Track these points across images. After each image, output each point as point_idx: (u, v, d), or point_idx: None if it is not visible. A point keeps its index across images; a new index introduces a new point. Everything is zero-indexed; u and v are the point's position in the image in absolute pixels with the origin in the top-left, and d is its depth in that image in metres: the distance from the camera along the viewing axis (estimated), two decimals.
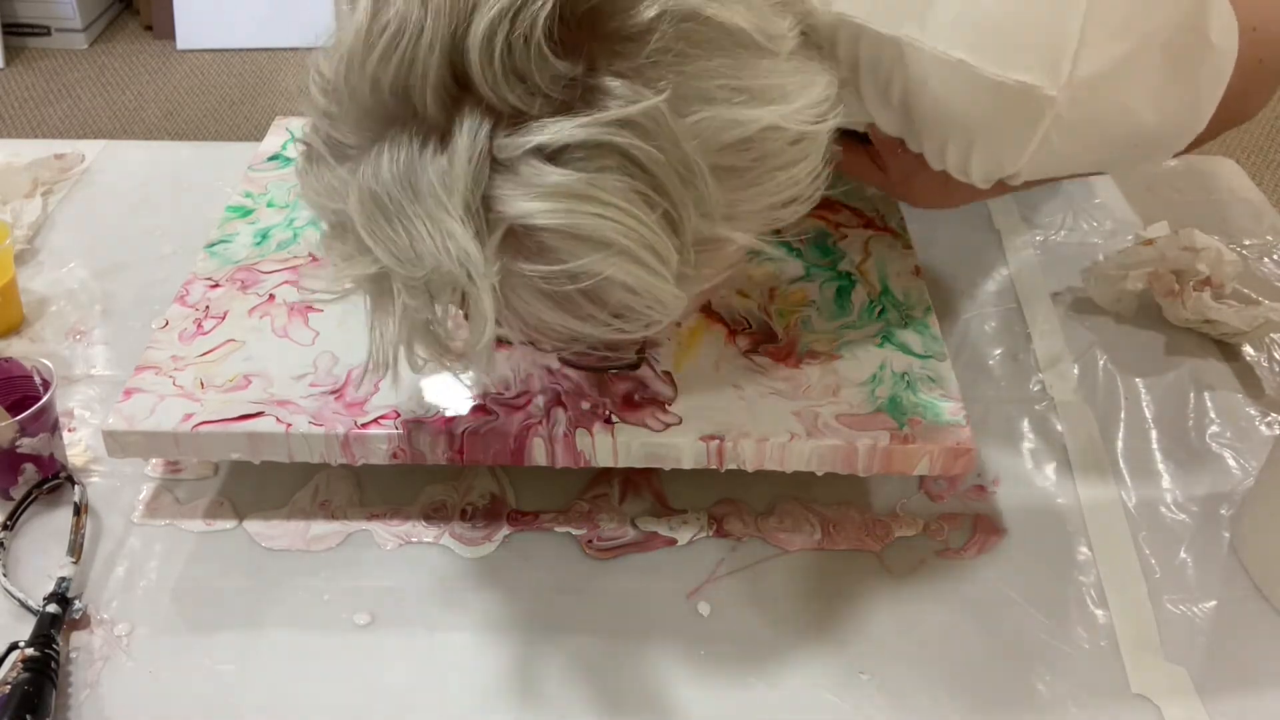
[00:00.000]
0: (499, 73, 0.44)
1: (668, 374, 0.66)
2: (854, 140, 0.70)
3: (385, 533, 0.67)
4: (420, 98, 0.45)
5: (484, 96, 0.45)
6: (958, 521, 0.68)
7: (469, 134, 0.45)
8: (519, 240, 0.47)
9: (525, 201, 0.45)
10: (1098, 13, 0.53)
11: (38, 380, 0.69)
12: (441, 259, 0.45)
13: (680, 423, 0.63)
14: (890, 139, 0.65)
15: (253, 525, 0.67)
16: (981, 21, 0.54)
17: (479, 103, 0.45)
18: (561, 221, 0.45)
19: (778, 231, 0.54)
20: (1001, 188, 0.64)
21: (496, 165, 0.45)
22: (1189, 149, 0.62)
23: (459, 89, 0.45)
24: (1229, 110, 0.58)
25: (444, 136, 0.46)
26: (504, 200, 0.45)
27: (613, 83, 0.45)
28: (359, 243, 0.48)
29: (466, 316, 0.49)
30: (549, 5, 0.43)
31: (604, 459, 0.63)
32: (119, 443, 0.63)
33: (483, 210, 0.46)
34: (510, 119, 0.45)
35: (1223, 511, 0.69)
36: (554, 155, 0.45)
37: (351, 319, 0.70)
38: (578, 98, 0.45)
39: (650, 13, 0.45)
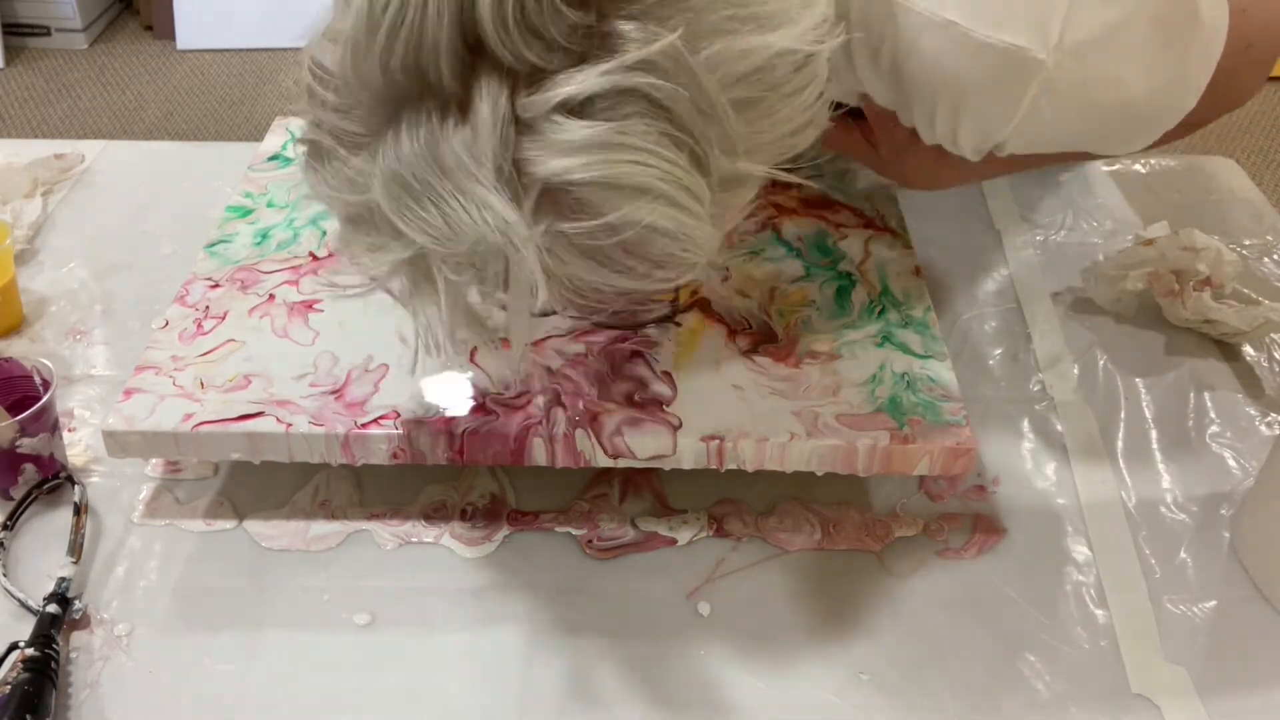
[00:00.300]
0: (514, 32, 0.43)
1: (668, 374, 0.66)
2: (847, 116, 0.70)
3: (385, 533, 0.67)
4: (434, 71, 0.44)
5: (500, 58, 0.44)
6: (958, 521, 0.68)
7: (490, 99, 0.44)
8: (555, 199, 0.46)
9: (557, 159, 0.44)
10: None
11: (38, 380, 0.69)
12: (482, 230, 0.44)
13: (680, 423, 0.63)
14: (883, 112, 0.65)
15: (253, 525, 0.67)
16: None
17: (495, 66, 0.44)
18: (597, 174, 0.44)
19: (792, 161, 0.53)
20: (991, 164, 0.65)
21: (522, 126, 0.44)
22: (1179, 134, 0.62)
23: (472, 55, 0.44)
24: (1217, 94, 0.58)
25: (463, 106, 0.45)
26: (535, 161, 0.44)
27: (625, 26, 0.44)
28: (390, 229, 0.47)
29: (507, 287, 0.49)
30: None
31: (604, 459, 0.63)
32: (119, 443, 0.63)
33: (515, 174, 0.45)
34: (528, 77, 0.44)
35: (1223, 511, 0.69)
36: (579, 108, 0.44)
37: (352, 319, 0.70)
38: (593, 46, 0.44)
39: None
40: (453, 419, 0.63)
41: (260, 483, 0.69)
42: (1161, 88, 0.58)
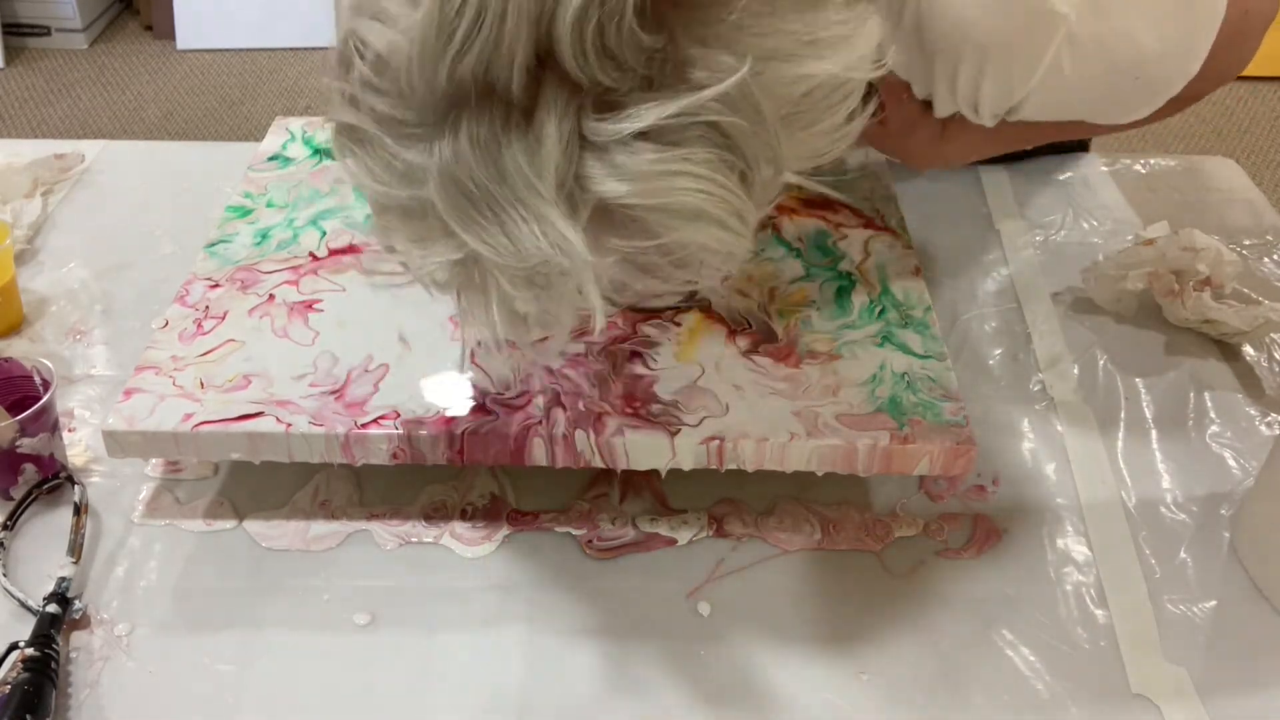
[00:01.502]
0: (590, 52, 0.42)
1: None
2: None
3: (385, 533, 0.67)
4: (503, 80, 0.43)
5: (570, 74, 0.43)
6: (958, 521, 0.68)
7: (556, 115, 0.44)
8: (610, 216, 0.46)
9: (619, 183, 0.44)
10: None
11: (38, 380, 0.69)
12: (543, 248, 0.44)
13: (679, 428, 0.63)
14: (897, 83, 0.66)
15: (253, 525, 0.67)
16: None
17: (564, 81, 0.44)
18: (658, 201, 0.44)
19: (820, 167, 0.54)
20: (997, 137, 0.67)
21: (587, 145, 0.44)
22: (1173, 108, 0.65)
23: (540, 68, 0.44)
24: (1218, 60, 0.61)
25: (527, 115, 0.44)
26: (596, 180, 0.44)
27: (695, 52, 0.44)
28: (443, 227, 0.46)
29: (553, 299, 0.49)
30: None
31: (602, 461, 0.63)
32: (119, 443, 0.63)
33: (576, 190, 0.45)
34: (595, 97, 0.44)
35: (1223, 511, 0.69)
36: (645, 134, 0.44)
37: (352, 319, 0.70)
38: (661, 70, 0.44)
39: None
40: (453, 419, 0.63)
41: (260, 483, 0.69)
42: (1171, 49, 0.61)
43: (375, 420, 0.63)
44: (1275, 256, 0.91)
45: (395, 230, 0.49)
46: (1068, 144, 1.02)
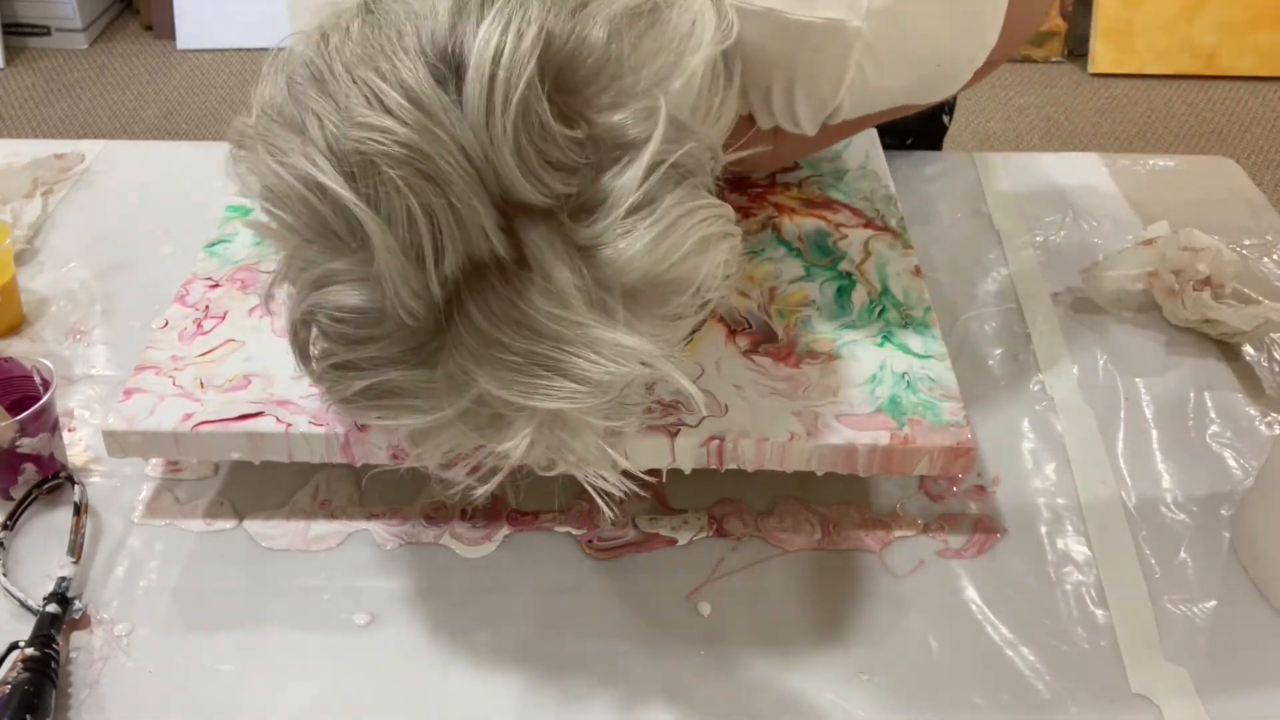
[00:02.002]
0: (541, 174, 0.43)
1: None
2: None
3: (385, 533, 0.67)
4: (487, 251, 0.44)
5: (534, 205, 0.44)
6: (958, 521, 0.68)
7: (548, 244, 0.44)
8: (638, 298, 0.46)
9: (636, 265, 0.45)
10: None
11: (38, 380, 0.69)
12: (618, 370, 0.44)
13: (678, 430, 0.63)
14: None
15: (253, 525, 0.67)
16: None
17: (533, 214, 0.44)
18: (674, 257, 0.45)
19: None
20: (827, 134, 0.69)
21: (586, 253, 0.45)
22: (986, 71, 0.68)
23: (506, 218, 0.44)
24: (1014, 23, 0.64)
25: (520, 264, 0.44)
26: (615, 276, 0.45)
27: (614, 117, 0.45)
28: (507, 406, 0.46)
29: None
30: (536, 91, 0.43)
31: None
32: (119, 443, 0.63)
33: (605, 299, 0.45)
34: (565, 210, 0.45)
35: (1223, 511, 0.69)
36: (629, 212, 0.45)
37: None
38: (601, 150, 0.45)
39: (599, 32, 0.45)
40: None
41: (260, 483, 0.69)
42: (965, 31, 0.63)
43: None
44: (1275, 256, 0.91)
45: (465, 435, 0.48)
46: (928, 128, 1.05)
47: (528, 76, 0.42)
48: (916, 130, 1.04)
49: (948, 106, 1.05)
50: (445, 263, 0.43)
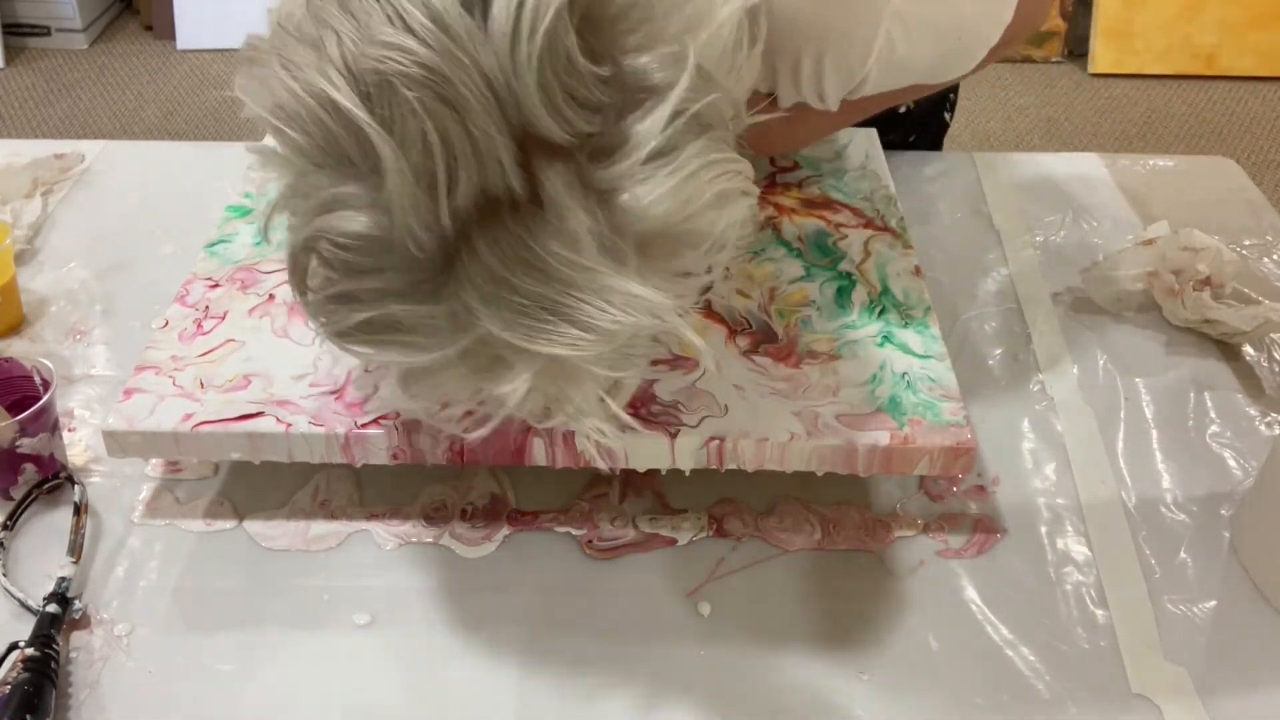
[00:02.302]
0: (565, 109, 0.42)
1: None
2: None
3: (385, 533, 0.67)
4: (503, 185, 0.42)
5: (555, 141, 0.43)
6: (958, 521, 0.68)
7: (564, 184, 0.43)
8: (651, 248, 0.46)
9: (652, 212, 0.44)
10: None
11: (38, 380, 0.69)
12: (626, 319, 0.43)
13: (678, 430, 0.63)
14: None
15: (253, 525, 0.67)
16: None
17: (552, 151, 0.43)
18: (691, 208, 0.45)
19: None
20: (844, 112, 0.70)
21: (603, 198, 0.44)
22: (1000, 50, 0.70)
23: (524, 154, 0.43)
24: (1025, 9, 0.67)
25: (534, 202, 0.43)
26: (631, 223, 0.44)
27: (640, 60, 0.44)
28: (510, 350, 0.45)
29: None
30: (565, 23, 0.42)
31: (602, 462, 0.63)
32: (119, 443, 0.63)
33: (618, 246, 0.44)
34: (585, 148, 0.44)
35: (1223, 511, 0.69)
36: (649, 159, 0.44)
37: None
38: (625, 92, 0.44)
39: None
40: None
41: (260, 483, 0.69)
42: (985, 3, 0.66)
43: (375, 420, 0.63)
44: (1275, 256, 0.91)
45: (465, 378, 0.47)
46: (929, 126, 1.06)
47: (557, 7, 0.41)
48: (918, 128, 1.04)
49: (949, 104, 1.05)
50: (458, 193, 0.42)
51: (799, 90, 0.68)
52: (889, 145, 0.88)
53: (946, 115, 1.07)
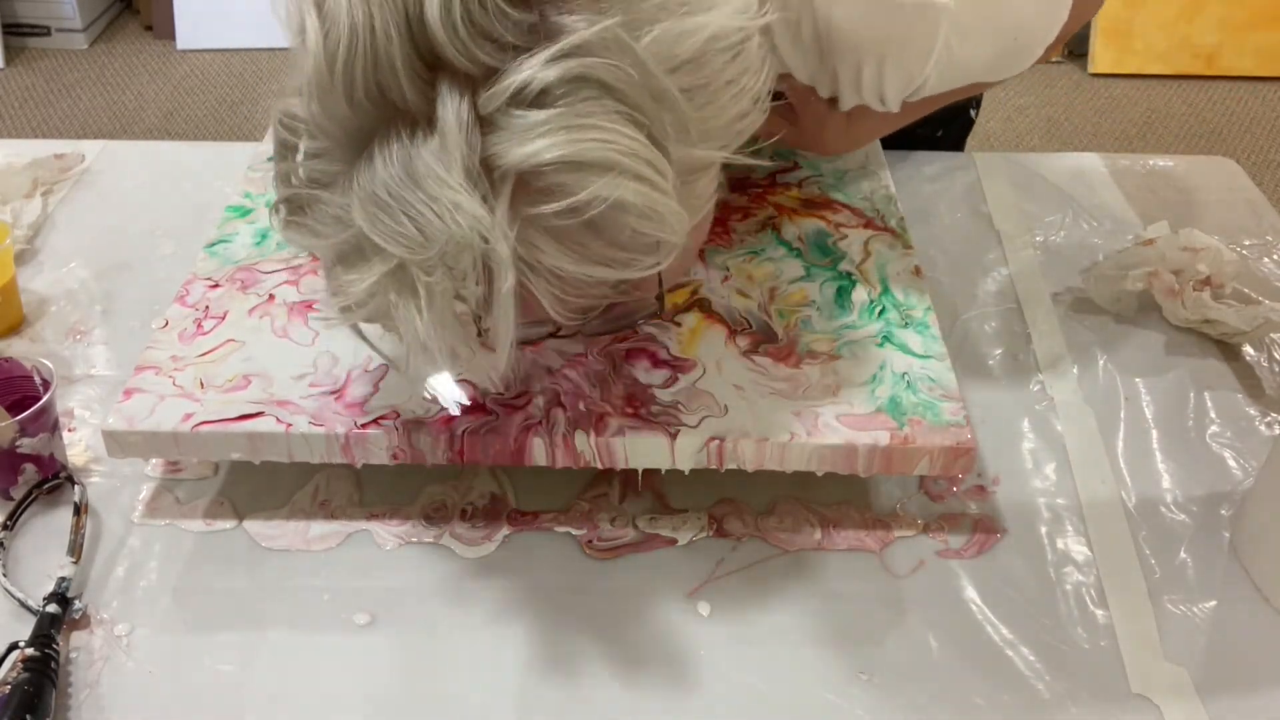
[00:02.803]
0: (464, 35, 0.45)
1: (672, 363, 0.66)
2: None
3: (385, 533, 0.67)
4: (397, 90, 0.46)
5: (457, 66, 0.46)
6: (958, 521, 0.68)
7: (452, 105, 0.46)
8: (527, 186, 0.47)
9: (523, 146, 0.46)
10: None
11: (38, 380, 0.69)
12: (451, 230, 0.46)
13: (678, 430, 0.63)
14: (803, 88, 0.72)
15: (253, 525, 0.67)
16: None
17: (453, 75, 0.46)
18: (563, 152, 0.46)
19: (748, 144, 0.56)
20: (905, 113, 0.72)
21: (486, 124, 0.46)
22: (1055, 46, 0.71)
23: (430, 71, 0.46)
24: (1081, 5, 0.68)
25: (430, 119, 0.46)
26: (503, 154, 0.46)
27: (567, 19, 0.46)
28: (372, 248, 0.48)
29: (490, 297, 0.49)
30: None
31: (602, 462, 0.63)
32: (119, 443, 0.63)
33: (485, 173, 0.46)
34: (485, 80, 0.46)
35: (1223, 511, 0.69)
36: (536, 99, 0.46)
37: None
38: (539, 42, 0.46)
39: None
40: (453, 419, 0.63)
41: (260, 483, 0.69)
42: (1043, 7, 0.67)
43: (375, 420, 0.63)
44: (1275, 256, 0.91)
45: (341, 276, 0.50)
46: (956, 121, 1.07)
47: None
48: (944, 124, 1.04)
49: (975, 100, 1.06)
50: (356, 85, 0.46)
51: (860, 94, 0.70)
52: (917, 139, 0.88)
53: (972, 112, 1.07)
